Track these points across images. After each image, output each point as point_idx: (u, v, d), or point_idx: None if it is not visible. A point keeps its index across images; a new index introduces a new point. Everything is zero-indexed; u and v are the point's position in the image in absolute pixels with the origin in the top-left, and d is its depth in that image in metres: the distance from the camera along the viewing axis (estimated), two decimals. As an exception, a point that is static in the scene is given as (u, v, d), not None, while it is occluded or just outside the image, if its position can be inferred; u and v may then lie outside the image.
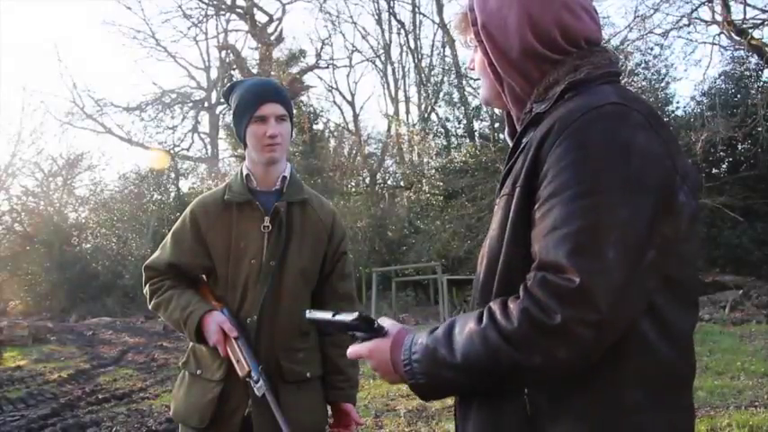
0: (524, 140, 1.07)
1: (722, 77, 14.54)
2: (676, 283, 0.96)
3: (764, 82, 14.02)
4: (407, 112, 24.42)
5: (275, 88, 1.95)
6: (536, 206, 0.95)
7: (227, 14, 21.39)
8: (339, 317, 1.11)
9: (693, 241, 0.99)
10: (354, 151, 23.14)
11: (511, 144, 1.16)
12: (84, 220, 24.46)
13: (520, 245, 0.98)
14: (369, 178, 22.03)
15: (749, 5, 11.85)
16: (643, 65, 14.81)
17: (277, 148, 1.90)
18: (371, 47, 26.24)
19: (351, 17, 31.53)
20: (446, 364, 0.96)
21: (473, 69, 1.21)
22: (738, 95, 13.79)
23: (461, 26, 1.20)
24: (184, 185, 23.34)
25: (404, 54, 24.42)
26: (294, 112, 2.04)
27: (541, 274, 0.90)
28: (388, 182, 22.61)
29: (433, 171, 18.58)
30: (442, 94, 20.12)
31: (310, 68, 21.83)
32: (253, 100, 1.89)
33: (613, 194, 0.88)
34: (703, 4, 11.90)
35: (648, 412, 0.93)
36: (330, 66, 23.82)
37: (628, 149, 0.90)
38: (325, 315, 1.14)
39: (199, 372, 1.93)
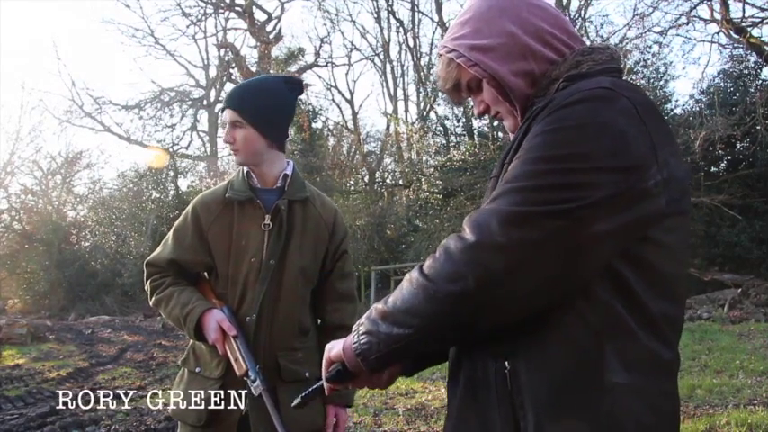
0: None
1: (721, 76, 14.50)
2: (655, 272, 0.96)
3: (763, 80, 14.00)
4: (406, 110, 24.37)
5: (234, 94, 1.92)
6: None
7: (226, 13, 21.32)
8: (315, 387, 1.14)
9: (678, 234, 0.98)
10: (353, 150, 23.14)
11: None
12: (82, 219, 24.43)
13: None
14: (367, 177, 22.03)
15: (748, 4, 11.82)
16: (642, 63, 14.78)
17: (236, 153, 1.93)
18: (370, 45, 26.29)
19: (350, 15, 31.21)
20: (381, 315, 0.98)
21: (486, 112, 1.18)
22: (737, 94, 13.74)
23: (452, 75, 1.16)
24: (183, 184, 23.32)
25: (403, 52, 24.33)
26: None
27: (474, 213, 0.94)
28: (387, 180, 22.59)
29: (432, 169, 18.52)
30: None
31: (309, 67, 21.81)
32: (222, 106, 1.94)
33: (572, 164, 0.90)
34: (702, 2, 11.88)
35: (629, 394, 0.94)
36: (329, 64, 23.77)
37: (602, 129, 0.91)
38: (309, 390, 1.16)
39: (198, 369, 1.93)
